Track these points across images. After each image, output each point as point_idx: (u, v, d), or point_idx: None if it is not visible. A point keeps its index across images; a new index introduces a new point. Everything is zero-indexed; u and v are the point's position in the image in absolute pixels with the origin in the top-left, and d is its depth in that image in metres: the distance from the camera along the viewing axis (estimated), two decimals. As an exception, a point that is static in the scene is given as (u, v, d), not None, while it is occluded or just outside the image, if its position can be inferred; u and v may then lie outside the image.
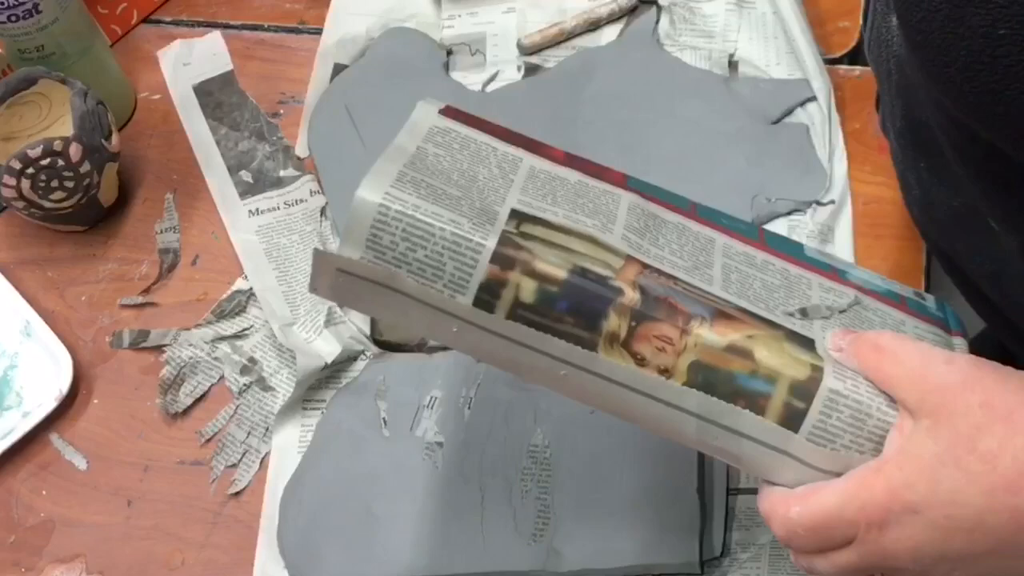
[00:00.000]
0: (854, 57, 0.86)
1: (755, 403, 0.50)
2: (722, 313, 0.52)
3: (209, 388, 0.79)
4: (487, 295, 0.51)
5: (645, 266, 0.53)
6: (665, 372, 0.51)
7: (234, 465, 0.76)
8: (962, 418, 0.45)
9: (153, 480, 0.77)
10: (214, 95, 0.91)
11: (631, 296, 0.51)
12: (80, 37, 0.86)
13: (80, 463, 0.78)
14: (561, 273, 0.51)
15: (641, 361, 0.51)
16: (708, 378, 0.51)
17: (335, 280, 0.53)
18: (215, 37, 0.93)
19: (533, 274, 0.51)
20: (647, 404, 0.52)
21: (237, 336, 0.80)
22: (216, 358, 0.80)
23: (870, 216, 0.78)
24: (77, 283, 0.85)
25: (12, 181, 0.79)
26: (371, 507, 0.71)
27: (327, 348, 0.76)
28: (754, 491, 0.69)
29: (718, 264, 0.56)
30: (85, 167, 0.80)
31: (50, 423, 0.79)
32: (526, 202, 0.54)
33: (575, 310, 0.51)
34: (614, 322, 0.51)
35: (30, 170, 0.78)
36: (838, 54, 0.86)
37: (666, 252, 0.55)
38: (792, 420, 0.50)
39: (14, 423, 0.78)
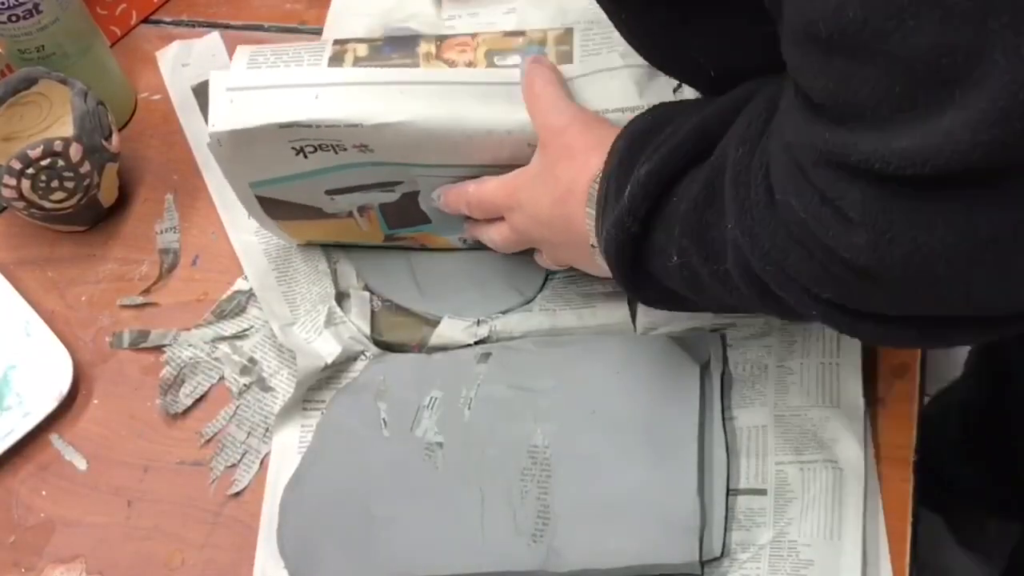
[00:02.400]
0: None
1: None
2: None
3: (209, 388, 0.79)
4: (336, 63, 0.69)
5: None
6: (470, 64, 0.68)
7: (234, 465, 0.76)
8: (553, 151, 0.65)
9: (153, 480, 0.77)
10: (214, 95, 0.91)
11: (432, 36, 0.71)
12: (80, 37, 0.86)
13: (80, 463, 0.78)
14: (379, 33, 0.74)
15: (452, 64, 0.69)
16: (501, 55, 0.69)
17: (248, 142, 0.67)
18: (214, 37, 0.93)
19: (363, 40, 0.71)
20: (468, 92, 0.66)
21: (237, 336, 0.80)
22: (216, 358, 0.80)
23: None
24: (77, 283, 0.85)
25: (12, 181, 0.79)
26: (371, 507, 0.71)
27: (327, 348, 0.76)
28: (754, 491, 0.69)
29: None
30: (85, 167, 0.80)
31: (50, 423, 0.79)
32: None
33: (397, 49, 0.70)
34: (424, 46, 0.70)
35: (30, 170, 0.78)
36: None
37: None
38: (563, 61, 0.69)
39: (14, 423, 0.78)
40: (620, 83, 0.68)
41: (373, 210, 0.75)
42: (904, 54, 0.38)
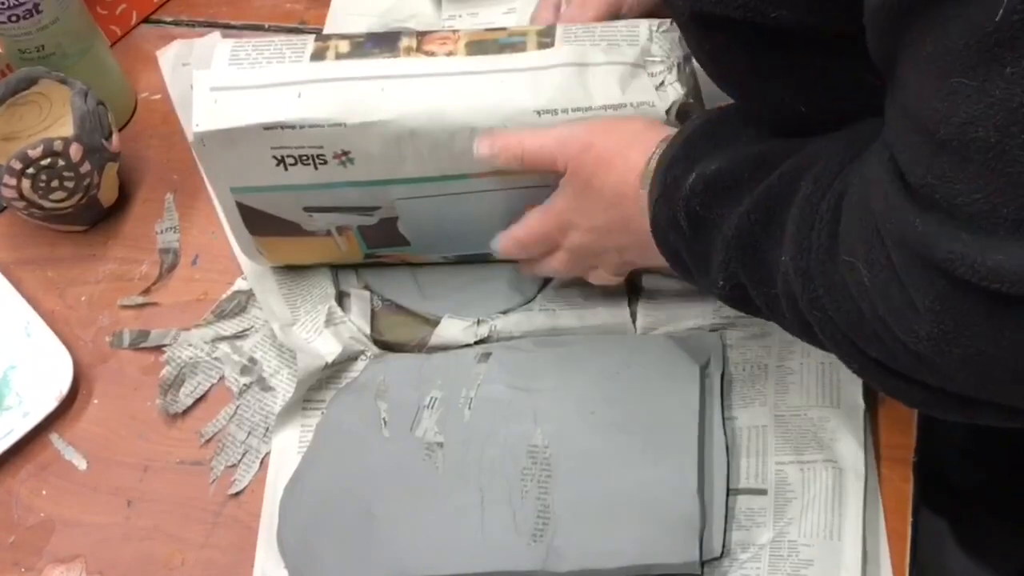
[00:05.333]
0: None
1: (516, 48, 0.69)
2: None
3: (209, 388, 0.79)
4: (317, 60, 0.69)
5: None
6: (450, 54, 0.68)
7: (234, 465, 0.76)
8: (586, 171, 0.66)
9: (153, 480, 0.77)
10: (214, 95, 0.91)
11: (413, 31, 0.71)
12: (80, 37, 0.86)
13: (80, 463, 0.78)
14: (363, 32, 0.71)
15: (431, 54, 0.68)
16: (480, 48, 0.69)
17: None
18: (215, 37, 0.93)
19: (344, 37, 0.71)
20: (449, 84, 0.67)
21: (237, 336, 0.80)
22: (216, 358, 0.80)
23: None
24: (77, 283, 0.85)
25: (12, 181, 0.79)
26: (371, 507, 0.71)
27: (327, 348, 0.76)
28: (754, 491, 0.69)
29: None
30: (85, 167, 0.80)
31: (50, 423, 0.79)
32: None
33: (378, 44, 0.69)
34: (406, 41, 0.69)
35: (31, 170, 0.78)
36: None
37: None
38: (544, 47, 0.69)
39: (14, 423, 0.78)
40: (602, 80, 0.67)
41: (352, 231, 0.74)
42: None
